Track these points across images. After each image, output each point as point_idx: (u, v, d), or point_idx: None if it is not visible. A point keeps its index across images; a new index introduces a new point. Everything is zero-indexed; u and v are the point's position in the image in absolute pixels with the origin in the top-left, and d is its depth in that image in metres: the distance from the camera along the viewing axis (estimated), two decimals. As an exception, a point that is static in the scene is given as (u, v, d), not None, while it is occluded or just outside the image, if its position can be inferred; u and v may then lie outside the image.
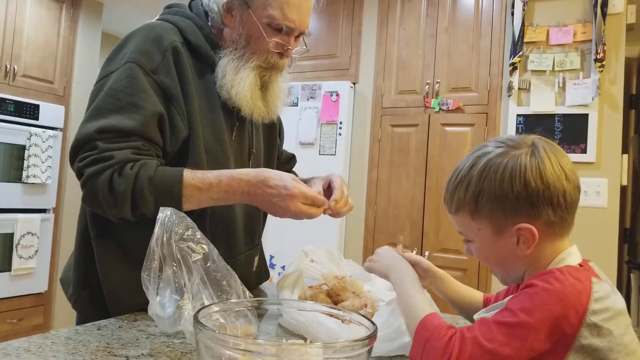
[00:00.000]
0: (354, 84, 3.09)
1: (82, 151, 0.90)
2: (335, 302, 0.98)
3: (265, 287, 1.28)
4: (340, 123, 3.00)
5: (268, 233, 1.43)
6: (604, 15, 2.38)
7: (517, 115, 2.58)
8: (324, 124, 3.04)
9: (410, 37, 2.95)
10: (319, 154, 3.03)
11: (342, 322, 0.71)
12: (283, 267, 2.97)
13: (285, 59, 1.07)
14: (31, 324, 3.18)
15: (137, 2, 3.72)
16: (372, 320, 0.61)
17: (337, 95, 3.01)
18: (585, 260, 0.72)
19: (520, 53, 2.56)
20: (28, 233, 3.09)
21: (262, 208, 0.97)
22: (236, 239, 1.08)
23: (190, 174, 0.91)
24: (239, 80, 1.03)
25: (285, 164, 1.36)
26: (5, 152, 2.98)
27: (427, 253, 2.76)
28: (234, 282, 0.80)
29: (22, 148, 3.06)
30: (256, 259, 1.19)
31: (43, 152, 3.16)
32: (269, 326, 0.91)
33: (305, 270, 1.06)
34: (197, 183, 0.91)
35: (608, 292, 0.66)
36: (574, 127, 2.44)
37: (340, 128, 3.00)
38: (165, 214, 0.78)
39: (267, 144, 1.23)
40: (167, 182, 0.90)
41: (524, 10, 2.57)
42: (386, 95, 3.00)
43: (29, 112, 3.11)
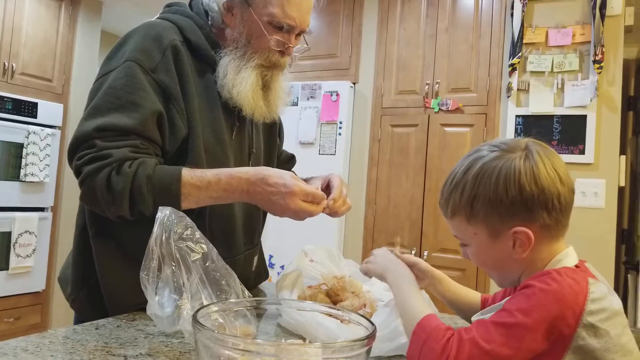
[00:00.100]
0: (354, 83, 3.09)
1: (80, 149, 0.90)
2: (335, 302, 0.98)
3: (265, 286, 1.28)
4: (340, 123, 3.00)
5: (267, 232, 1.43)
6: (602, 17, 2.38)
7: (516, 116, 2.58)
8: (324, 123, 3.04)
9: (410, 37, 2.95)
10: (319, 154, 3.03)
11: (341, 322, 0.70)
12: (282, 267, 2.96)
13: (286, 57, 1.07)
14: (29, 323, 3.17)
15: (136, 1, 3.72)
16: (371, 320, 0.61)
17: (337, 95, 3.01)
18: (582, 261, 0.73)
19: (520, 54, 2.56)
20: (26, 232, 3.09)
21: (262, 207, 0.97)
22: (235, 239, 1.08)
23: (189, 173, 0.91)
24: (240, 80, 1.02)
25: (285, 163, 1.35)
26: (3, 150, 2.97)
27: (426, 253, 2.76)
28: (233, 282, 0.80)
29: (20, 146, 3.05)
30: (255, 258, 1.19)
31: (41, 150, 3.15)
32: (268, 326, 0.91)
33: (304, 269, 1.06)
34: (195, 182, 0.90)
35: (605, 293, 0.66)
36: (573, 128, 2.45)
37: (340, 128, 3.00)
38: (164, 213, 0.78)
39: (267, 144, 1.23)
40: (165, 180, 0.89)
41: (523, 11, 2.58)
42: (386, 95, 3.00)
43: (27, 110, 3.10)
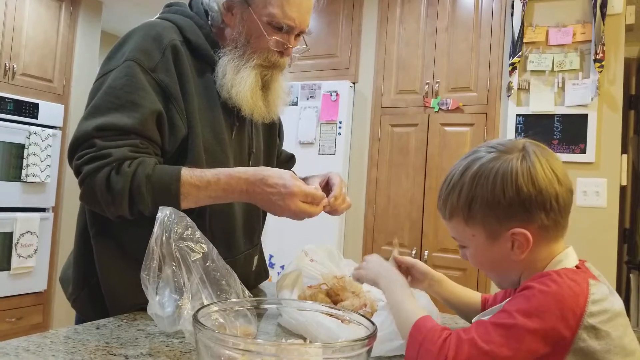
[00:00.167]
0: (353, 83, 3.09)
1: (80, 149, 0.90)
2: (335, 301, 0.98)
3: (265, 286, 1.28)
4: (340, 122, 3.00)
5: (267, 232, 1.43)
6: (603, 15, 2.38)
7: (517, 115, 2.58)
8: (324, 123, 3.04)
9: (410, 37, 2.95)
10: (319, 154, 3.03)
11: (342, 321, 0.70)
12: (282, 267, 2.96)
13: (285, 57, 1.07)
14: (30, 323, 3.18)
15: (136, 1, 3.72)
16: (372, 320, 0.61)
17: (337, 94, 3.01)
18: (582, 261, 0.72)
19: (520, 53, 2.56)
20: (27, 232, 3.09)
21: (261, 207, 0.97)
22: (235, 239, 1.08)
23: (188, 172, 0.91)
24: (239, 80, 1.02)
25: (284, 163, 1.35)
26: (4, 151, 2.97)
27: (426, 253, 2.76)
28: (234, 282, 0.80)
29: (22, 147, 3.05)
30: (255, 258, 1.19)
31: (42, 151, 3.15)
32: (269, 326, 0.91)
33: (304, 269, 1.06)
34: (195, 181, 0.90)
35: (606, 294, 0.65)
36: (574, 127, 2.44)
37: (339, 127, 3.00)
38: (164, 213, 0.78)
39: (267, 144, 1.23)
40: (164, 180, 0.89)
41: (523, 10, 2.57)
42: (386, 95, 3.00)
43: (28, 110, 3.11)
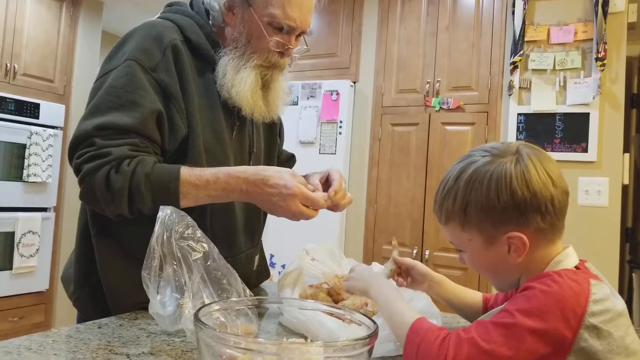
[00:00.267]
0: (354, 82, 3.09)
1: (80, 148, 0.90)
2: (336, 301, 0.98)
3: (266, 285, 1.28)
4: (341, 122, 3.00)
5: (268, 232, 1.43)
6: (605, 14, 2.37)
7: (518, 114, 2.57)
8: (324, 123, 3.04)
9: (411, 36, 2.95)
10: (319, 153, 3.03)
11: (343, 321, 0.70)
12: (283, 266, 2.96)
13: (285, 58, 1.07)
14: (32, 322, 3.18)
15: (137, 1, 3.72)
16: (373, 319, 0.61)
17: (337, 94, 3.01)
18: (582, 261, 0.72)
19: (521, 52, 2.56)
20: (29, 232, 3.10)
21: (261, 207, 0.97)
22: (236, 238, 1.08)
23: (187, 171, 0.91)
24: (239, 80, 1.02)
25: (285, 163, 1.35)
26: (5, 151, 2.98)
27: (427, 252, 2.76)
28: (235, 281, 0.80)
29: (23, 147, 3.06)
30: (256, 258, 1.19)
31: (43, 150, 3.16)
32: (270, 325, 0.91)
33: (306, 268, 1.06)
34: (194, 180, 0.90)
35: (607, 294, 0.65)
36: (575, 126, 2.44)
37: (340, 127, 3.00)
38: (165, 212, 0.78)
39: (268, 144, 1.23)
40: (164, 178, 0.89)
41: (524, 9, 2.57)
42: (386, 94, 3.00)
43: (29, 110, 3.11)
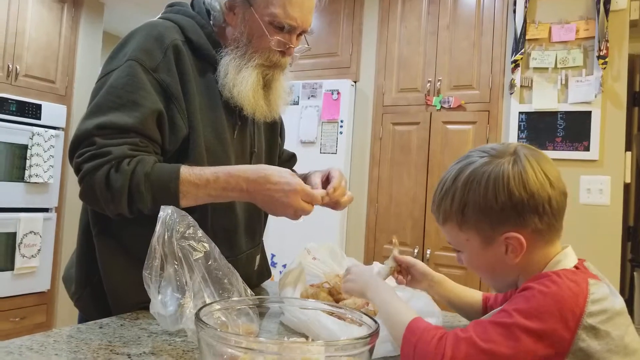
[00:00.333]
0: (355, 82, 3.09)
1: (80, 147, 0.90)
2: (337, 300, 0.98)
3: (267, 285, 1.28)
4: (341, 121, 3.00)
5: (269, 232, 1.42)
6: (606, 11, 2.36)
7: (519, 112, 2.57)
8: (325, 122, 3.04)
9: (411, 35, 2.94)
10: (320, 153, 3.03)
11: (344, 320, 0.70)
12: (284, 266, 2.97)
13: (287, 57, 1.07)
14: (34, 322, 3.19)
15: (138, 2, 3.72)
16: (374, 318, 0.61)
17: (338, 93, 3.01)
18: (581, 261, 0.72)
19: (522, 50, 2.55)
20: (30, 232, 3.10)
21: (261, 205, 0.96)
22: (237, 238, 1.08)
23: (187, 170, 0.91)
24: (240, 79, 1.02)
25: (285, 162, 1.36)
26: (7, 152, 2.99)
27: (428, 251, 2.75)
28: (236, 281, 0.80)
29: (25, 147, 3.06)
30: (257, 257, 1.19)
31: (45, 151, 3.16)
32: (271, 324, 0.91)
33: (307, 267, 1.06)
34: (194, 179, 0.90)
35: (606, 294, 0.65)
36: (577, 124, 2.43)
37: (341, 126, 3.00)
38: (166, 212, 0.78)
39: (269, 143, 1.23)
40: (163, 178, 0.89)
41: (525, 7, 2.56)
42: (387, 93, 3.00)
43: (31, 111, 3.12)
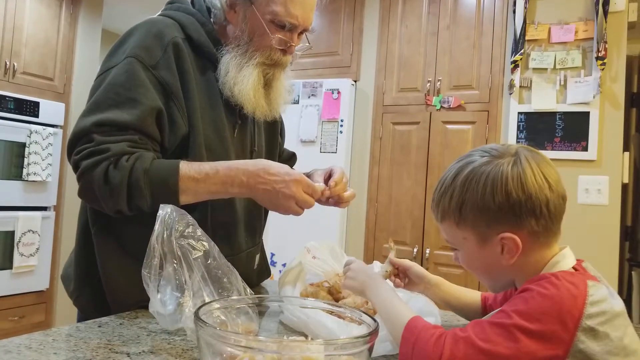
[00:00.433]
0: (355, 81, 3.09)
1: (79, 144, 0.90)
2: (337, 299, 0.98)
3: (267, 284, 1.28)
4: (342, 121, 3.00)
5: (269, 231, 1.43)
6: (605, 13, 2.37)
7: (519, 113, 2.57)
8: (325, 121, 3.03)
9: (412, 35, 2.94)
10: (320, 152, 3.03)
11: (344, 319, 0.70)
12: (284, 265, 2.96)
13: (288, 55, 1.07)
14: (32, 321, 3.18)
15: None
16: (374, 317, 0.61)
17: (338, 93, 3.01)
18: (579, 261, 0.72)
19: (522, 51, 2.55)
20: (29, 231, 3.09)
21: (262, 200, 0.95)
22: (237, 237, 1.08)
23: (186, 166, 0.90)
24: (241, 78, 1.02)
25: (286, 162, 1.35)
26: (5, 150, 2.97)
27: (428, 251, 2.76)
28: (235, 279, 0.80)
29: (23, 145, 3.05)
30: (257, 257, 1.19)
31: (43, 149, 3.15)
32: (270, 323, 0.91)
33: (306, 266, 1.06)
34: (193, 174, 0.90)
35: (605, 295, 0.65)
36: (575, 125, 2.44)
37: (341, 126, 3.00)
38: (165, 211, 0.77)
39: (269, 142, 1.23)
40: (162, 173, 0.89)
41: (525, 8, 2.57)
42: (387, 93, 3.00)
43: (29, 109, 3.11)
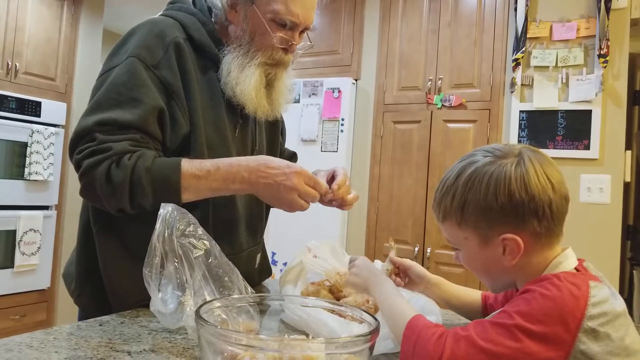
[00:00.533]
0: (355, 80, 3.08)
1: (81, 143, 0.90)
2: (337, 298, 0.98)
3: (268, 283, 1.28)
4: (342, 120, 3.00)
5: (270, 230, 1.43)
6: (607, 10, 2.36)
7: (520, 111, 2.56)
8: (326, 120, 3.03)
9: (413, 33, 2.94)
10: (321, 151, 3.03)
11: (345, 318, 0.70)
12: (285, 264, 2.97)
13: (289, 54, 1.07)
14: (34, 320, 3.19)
15: (138, -1, 3.72)
16: (374, 316, 0.61)
17: (339, 91, 3.00)
18: (581, 261, 0.72)
19: (523, 49, 2.54)
20: (30, 230, 3.10)
21: (264, 194, 0.95)
22: (238, 236, 1.08)
23: (188, 163, 0.91)
24: (244, 78, 1.02)
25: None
26: (7, 149, 2.98)
27: (429, 249, 2.75)
28: (236, 278, 0.80)
29: (24, 145, 3.06)
30: (258, 256, 1.19)
31: (45, 149, 3.16)
32: (271, 322, 0.91)
33: (307, 265, 1.06)
34: (195, 171, 0.90)
35: (606, 296, 0.65)
36: (577, 123, 2.43)
37: (342, 125, 3.00)
38: (166, 210, 0.77)
39: (270, 142, 1.23)
40: (164, 171, 0.89)
41: (527, 5, 2.56)
42: (388, 91, 2.99)
43: (30, 109, 3.11)
